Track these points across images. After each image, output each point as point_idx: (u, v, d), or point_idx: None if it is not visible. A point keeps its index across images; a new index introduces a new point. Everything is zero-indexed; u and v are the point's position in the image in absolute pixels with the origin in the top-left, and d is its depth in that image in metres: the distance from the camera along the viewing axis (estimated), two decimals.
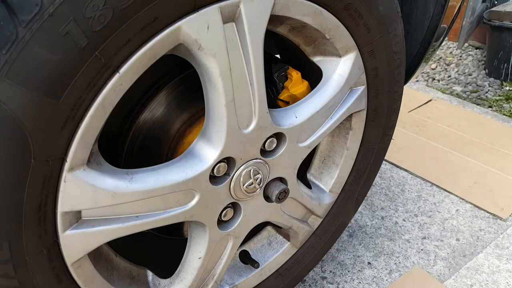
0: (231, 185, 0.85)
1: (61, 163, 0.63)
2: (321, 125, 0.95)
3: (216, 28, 0.68)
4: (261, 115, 0.81)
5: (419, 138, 2.28)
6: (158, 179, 0.75)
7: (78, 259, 0.73)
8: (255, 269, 1.11)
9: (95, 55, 0.58)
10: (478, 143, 2.24)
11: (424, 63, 1.28)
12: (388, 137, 1.19)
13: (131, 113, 0.91)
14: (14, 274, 0.67)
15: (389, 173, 2.02)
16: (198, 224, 0.87)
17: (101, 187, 0.68)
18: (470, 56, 3.40)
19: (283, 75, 0.99)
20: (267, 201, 0.96)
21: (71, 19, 0.54)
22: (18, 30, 0.53)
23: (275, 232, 1.17)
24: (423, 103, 2.64)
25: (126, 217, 0.75)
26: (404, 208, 1.82)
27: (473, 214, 1.79)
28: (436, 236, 1.68)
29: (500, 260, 1.57)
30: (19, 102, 0.55)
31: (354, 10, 0.86)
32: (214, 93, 0.74)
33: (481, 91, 2.89)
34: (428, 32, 1.19)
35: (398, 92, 1.11)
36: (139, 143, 0.92)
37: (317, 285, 1.45)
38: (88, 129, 0.63)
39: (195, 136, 0.83)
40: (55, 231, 0.68)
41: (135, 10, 0.59)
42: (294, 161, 0.95)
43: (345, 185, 1.17)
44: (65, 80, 0.57)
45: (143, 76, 0.67)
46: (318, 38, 0.89)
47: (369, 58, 0.96)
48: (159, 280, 0.95)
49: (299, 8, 0.78)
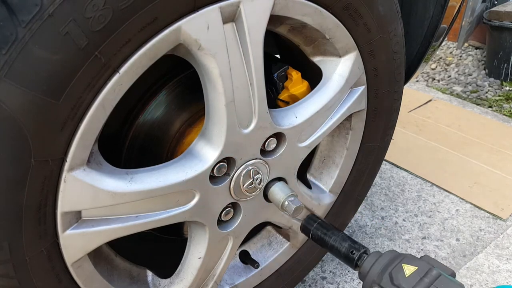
0: (231, 185, 0.85)
1: (61, 163, 0.63)
2: (321, 125, 0.95)
3: (216, 28, 0.68)
4: (261, 115, 0.81)
5: (419, 138, 2.28)
6: (158, 179, 0.75)
7: (78, 259, 0.73)
8: (255, 269, 1.11)
9: (95, 55, 0.58)
10: (478, 143, 2.24)
11: (424, 63, 1.28)
12: (388, 137, 1.19)
13: (131, 113, 0.91)
14: (14, 274, 0.67)
15: (389, 173, 2.02)
16: (198, 224, 0.87)
17: (101, 187, 0.68)
18: (470, 56, 3.40)
19: (283, 75, 0.99)
20: (267, 201, 0.96)
21: (71, 19, 0.54)
22: (18, 30, 0.53)
23: (275, 232, 1.17)
24: (423, 103, 2.64)
25: (126, 217, 0.75)
26: (404, 208, 1.82)
27: (473, 214, 1.79)
28: (436, 236, 1.68)
29: (500, 260, 1.57)
30: (19, 102, 0.55)
31: (354, 10, 0.86)
32: (214, 93, 0.74)
33: (481, 91, 2.89)
34: (428, 32, 1.19)
35: (398, 92, 1.11)
36: (139, 143, 0.92)
37: (317, 285, 1.45)
38: (88, 129, 0.63)
39: (195, 136, 0.83)
40: (55, 231, 0.68)
41: (135, 10, 0.59)
42: (294, 161, 0.95)
43: (345, 185, 1.17)
44: (65, 80, 0.57)
45: (143, 76, 0.67)
46: (318, 38, 0.89)
47: (369, 58, 0.96)
48: (159, 280, 0.95)
49: (299, 8, 0.78)
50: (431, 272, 0.67)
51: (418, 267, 0.69)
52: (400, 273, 0.69)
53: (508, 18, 2.82)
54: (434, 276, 0.67)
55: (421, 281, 0.67)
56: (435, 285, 0.66)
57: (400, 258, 0.72)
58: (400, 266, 0.70)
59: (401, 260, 0.71)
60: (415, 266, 0.69)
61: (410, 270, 0.69)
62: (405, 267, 0.69)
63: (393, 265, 0.70)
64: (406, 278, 0.68)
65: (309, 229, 0.85)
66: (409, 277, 0.68)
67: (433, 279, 0.66)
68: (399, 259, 0.71)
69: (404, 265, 0.70)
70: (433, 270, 0.68)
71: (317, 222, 0.85)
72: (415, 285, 0.66)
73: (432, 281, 0.66)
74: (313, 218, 0.86)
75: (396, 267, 0.70)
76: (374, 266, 0.73)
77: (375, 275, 0.72)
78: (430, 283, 0.66)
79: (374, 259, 0.74)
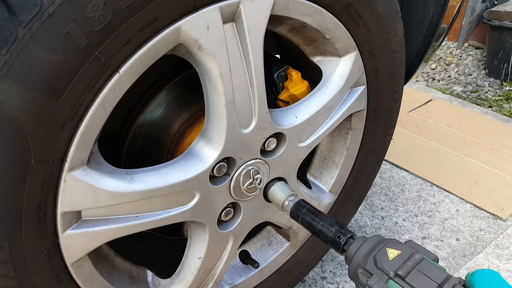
0: (231, 185, 0.85)
1: (61, 163, 0.63)
2: (321, 125, 0.95)
3: (216, 28, 0.68)
4: (261, 115, 0.81)
5: (419, 138, 2.28)
6: (158, 179, 0.75)
7: (78, 259, 0.73)
8: (255, 269, 1.11)
9: (95, 55, 0.58)
10: (478, 143, 2.24)
11: (424, 63, 1.28)
12: (388, 137, 1.19)
13: (131, 113, 0.91)
14: (14, 274, 0.67)
15: (389, 173, 2.02)
16: (198, 224, 0.87)
17: (101, 187, 0.68)
18: (470, 56, 3.41)
19: (283, 75, 0.99)
20: (267, 201, 0.96)
21: (71, 19, 0.54)
22: (18, 30, 0.53)
23: (275, 232, 1.17)
24: (423, 103, 2.64)
25: (126, 217, 0.75)
26: (404, 208, 1.82)
27: (473, 214, 1.79)
28: (436, 236, 1.68)
29: (500, 260, 1.57)
30: (19, 102, 0.55)
31: (354, 10, 0.86)
32: (214, 93, 0.74)
33: (481, 91, 2.89)
34: (428, 32, 1.19)
35: (398, 92, 1.11)
36: (139, 143, 0.92)
37: (317, 285, 1.45)
38: (88, 129, 0.63)
39: (195, 136, 0.83)
40: (55, 231, 0.68)
41: (135, 10, 0.59)
42: (294, 161, 0.95)
43: (345, 185, 1.17)
44: (65, 80, 0.57)
45: (143, 76, 0.67)
46: (318, 38, 0.89)
47: (369, 58, 0.96)
48: (159, 280, 0.95)
49: (299, 8, 0.78)
50: (414, 256, 0.68)
51: (402, 251, 0.69)
52: (384, 256, 0.69)
53: (508, 18, 2.82)
54: (417, 260, 0.67)
55: (404, 264, 0.67)
56: (417, 268, 0.66)
57: (385, 242, 0.72)
58: (384, 250, 0.70)
59: (385, 244, 0.71)
60: (398, 250, 0.69)
61: (394, 254, 0.69)
62: (389, 251, 0.70)
63: (378, 249, 0.71)
64: (390, 261, 0.69)
65: (298, 214, 0.86)
66: (393, 261, 0.68)
67: (416, 263, 0.67)
68: (383, 243, 0.72)
69: (388, 249, 0.70)
70: (416, 254, 0.68)
71: (306, 208, 0.85)
72: (398, 268, 0.67)
73: (415, 264, 0.67)
74: (302, 204, 0.87)
75: (380, 251, 0.71)
76: (359, 250, 0.73)
77: (360, 259, 0.72)
78: (413, 267, 0.67)
79: (359, 244, 0.74)
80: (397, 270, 0.66)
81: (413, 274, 0.66)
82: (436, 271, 0.65)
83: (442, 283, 0.64)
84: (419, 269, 0.66)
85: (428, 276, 0.65)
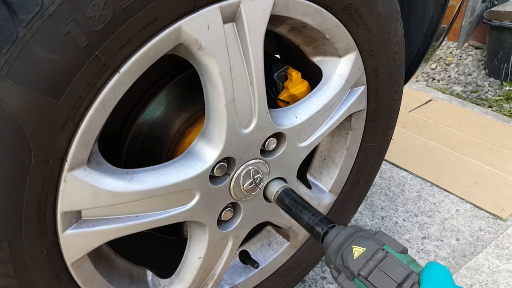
0: (231, 185, 0.85)
1: (61, 163, 0.63)
2: (321, 125, 0.95)
3: (216, 28, 0.68)
4: (261, 115, 0.81)
5: (419, 138, 2.28)
6: (158, 179, 0.75)
7: (78, 259, 0.73)
8: (255, 269, 1.11)
9: (95, 55, 0.58)
10: (478, 143, 2.24)
11: (424, 63, 1.28)
12: (388, 137, 1.19)
13: (131, 113, 0.91)
14: (14, 274, 0.67)
15: (389, 173, 2.02)
16: (198, 224, 0.87)
17: (101, 187, 0.68)
18: (470, 56, 3.41)
19: (283, 75, 0.99)
20: (267, 201, 0.96)
21: (71, 18, 0.54)
22: (18, 30, 0.53)
23: (275, 232, 1.17)
24: (423, 103, 2.64)
25: (126, 217, 0.75)
26: (404, 208, 1.82)
27: (473, 214, 1.79)
28: (436, 236, 1.68)
29: (500, 260, 1.57)
30: (19, 102, 0.55)
31: (354, 10, 0.86)
32: (214, 93, 0.74)
33: (481, 91, 2.89)
34: (428, 32, 1.19)
35: (398, 92, 1.11)
36: (139, 143, 0.92)
37: (317, 285, 1.45)
38: (88, 129, 0.63)
39: (195, 136, 0.83)
40: (55, 231, 0.68)
41: (135, 10, 0.59)
42: (294, 161, 0.95)
43: (345, 185, 1.17)
44: (65, 79, 0.57)
45: (143, 76, 0.67)
46: (318, 38, 0.89)
47: (369, 58, 0.96)
48: (159, 280, 0.95)
49: (299, 8, 0.78)
50: (377, 254, 0.67)
51: (366, 248, 0.69)
52: (349, 255, 0.69)
53: (508, 18, 2.82)
54: (379, 259, 0.67)
55: (366, 264, 0.67)
56: (379, 267, 0.66)
57: (353, 238, 0.71)
58: (350, 248, 0.70)
59: (352, 241, 0.71)
60: (363, 248, 0.69)
61: (359, 252, 0.69)
62: (355, 249, 0.69)
63: (345, 245, 0.71)
64: (354, 260, 0.68)
65: (284, 203, 0.86)
66: (357, 259, 0.68)
67: (377, 262, 0.66)
68: (351, 239, 0.71)
69: (354, 246, 0.69)
70: (379, 252, 0.67)
71: (291, 197, 0.86)
72: (361, 268, 0.67)
73: (377, 263, 0.66)
74: (288, 193, 0.87)
75: (347, 249, 0.70)
76: (331, 245, 0.73)
77: (331, 254, 0.73)
78: (375, 266, 0.66)
79: (333, 236, 0.74)
80: (360, 270, 0.67)
81: (375, 273, 0.65)
82: (397, 269, 0.65)
83: (401, 282, 0.63)
84: (381, 268, 0.66)
85: (389, 275, 0.65)
